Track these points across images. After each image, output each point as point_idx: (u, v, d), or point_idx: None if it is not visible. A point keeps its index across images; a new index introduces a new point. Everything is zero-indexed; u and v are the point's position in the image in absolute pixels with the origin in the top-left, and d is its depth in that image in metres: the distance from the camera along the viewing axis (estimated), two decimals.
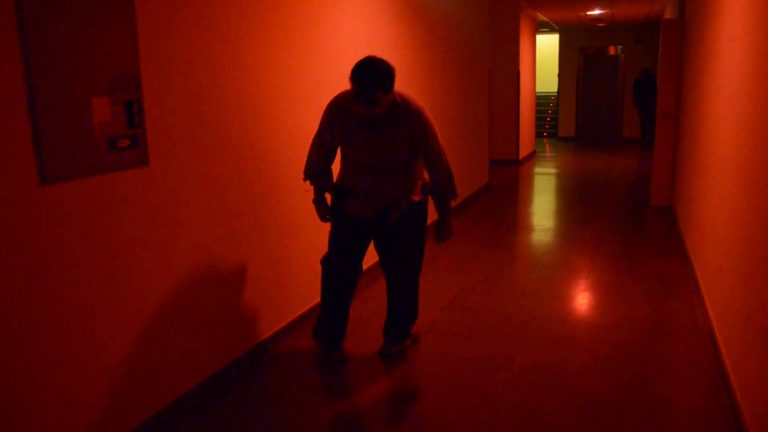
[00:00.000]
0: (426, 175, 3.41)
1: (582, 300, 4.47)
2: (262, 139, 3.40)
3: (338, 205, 3.33)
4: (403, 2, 5.31)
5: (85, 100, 2.32)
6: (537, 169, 11.18)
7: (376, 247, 3.43)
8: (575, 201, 8.34)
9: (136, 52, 2.54)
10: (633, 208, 7.62)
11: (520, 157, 11.39)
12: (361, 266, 3.43)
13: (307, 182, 3.42)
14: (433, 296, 4.45)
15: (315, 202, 3.45)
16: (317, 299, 3.89)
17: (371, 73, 2.93)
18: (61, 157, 2.24)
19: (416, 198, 3.32)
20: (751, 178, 2.86)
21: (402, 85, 5.41)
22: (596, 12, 11.31)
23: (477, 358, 3.49)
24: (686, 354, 3.55)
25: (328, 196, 3.49)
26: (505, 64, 10.88)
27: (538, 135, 15.51)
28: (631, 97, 13.27)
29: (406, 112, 3.12)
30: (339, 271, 3.36)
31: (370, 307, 4.17)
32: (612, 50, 15.21)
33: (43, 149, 2.17)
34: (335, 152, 3.34)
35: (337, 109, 3.19)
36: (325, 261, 3.39)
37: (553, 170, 11.30)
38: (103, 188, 2.43)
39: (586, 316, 4.15)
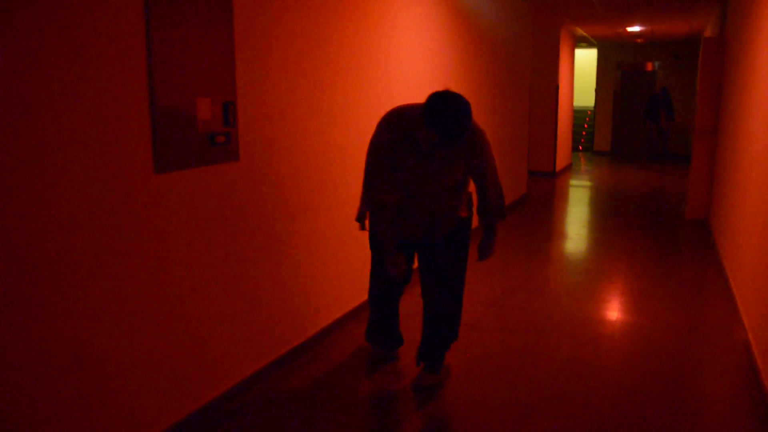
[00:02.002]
0: (472, 187, 3.26)
1: (618, 303, 4.69)
2: (333, 140, 3.71)
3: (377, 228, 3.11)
4: (455, 17, 5.61)
5: (192, 100, 2.66)
6: (573, 182, 11.37)
7: (420, 265, 3.26)
8: (610, 212, 8.52)
9: (232, 60, 2.87)
10: (668, 221, 7.79)
11: (557, 169, 11.59)
12: (410, 276, 3.33)
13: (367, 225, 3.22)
14: (478, 295, 4.72)
15: (388, 253, 3.03)
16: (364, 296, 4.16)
17: (459, 126, 2.67)
18: (172, 149, 2.57)
19: (463, 214, 3.16)
20: None
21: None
22: (636, 28, 11.48)
23: (521, 351, 3.75)
24: (719, 355, 3.76)
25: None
26: (545, 77, 11.11)
27: (574, 148, 15.66)
28: (652, 112, 13.44)
29: (471, 137, 2.90)
30: (386, 289, 3.36)
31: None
32: (649, 66, 15.33)
33: (158, 141, 2.51)
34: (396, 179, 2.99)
35: (394, 131, 2.91)
36: (374, 279, 3.39)
37: (588, 183, 11.48)
38: (203, 178, 2.76)
39: (623, 317, 4.38)
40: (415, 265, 3.35)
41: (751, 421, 2.99)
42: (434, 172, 2.93)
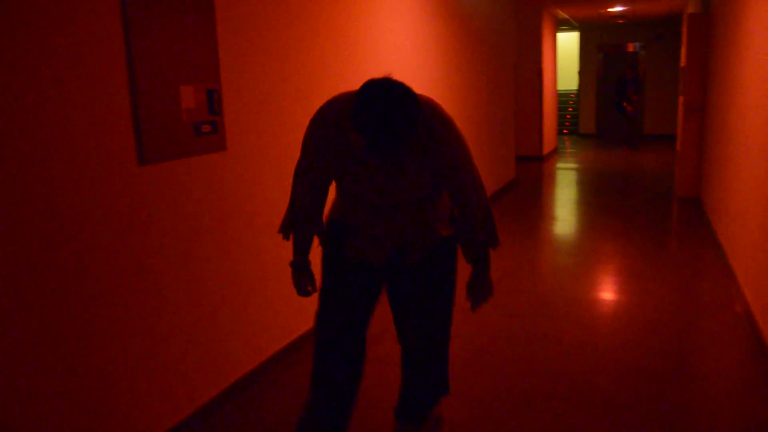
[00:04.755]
0: None
1: (617, 283, 4.64)
2: None
3: (334, 246, 2.29)
4: (437, 3, 5.50)
5: (175, 88, 2.53)
6: (560, 165, 11.32)
7: (390, 301, 2.39)
8: (600, 194, 8.48)
9: (215, 46, 2.75)
10: (658, 200, 7.76)
11: (544, 153, 11.54)
12: (365, 339, 2.37)
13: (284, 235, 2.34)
14: None
15: (294, 265, 2.32)
16: None
17: (390, 131, 1.79)
18: (156, 140, 2.45)
19: (445, 231, 2.28)
20: None
21: (435, 82, 5.66)
22: (618, 8, 11.43)
23: (526, 335, 3.67)
24: (724, 330, 3.70)
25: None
26: (528, 61, 11.04)
27: (559, 132, 15.63)
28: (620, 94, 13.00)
29: (426, 128, 2.00)
30: (337, 343, 2.31)
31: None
32: (631, 47, 15.31)
33: (142, 132, 2.38)
34: (327, 190, 2.26)
35: (327, 126, 2.09)
36: (319, 326, 2.33)
37: (576, 166, 11.44)
38: (189, 169, 2.64)
39: (623, 298, 4.31)
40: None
41: (761, 390, 2.94)
42: (387, 180, 2.09)
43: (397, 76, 1.84)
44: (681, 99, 9.05)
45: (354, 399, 2.38)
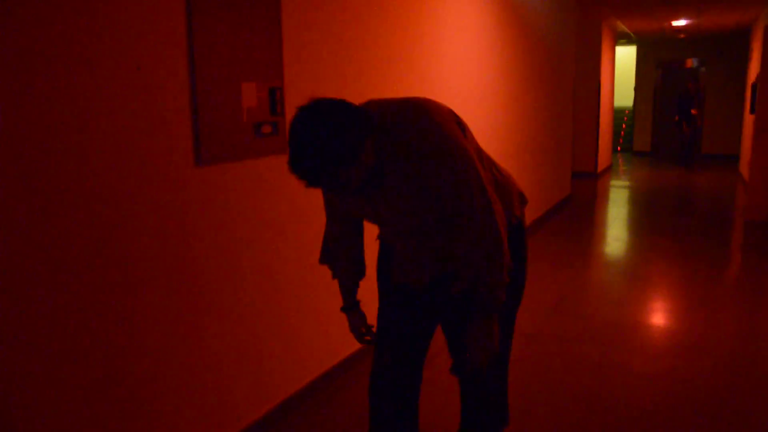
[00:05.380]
0: (516, 201, 2.01)
1: (680, 310, 4.32)
2: None
3: (383, 268, 2.12)
4: (502, 13, 5.29)
5: (236, 85, 2.38)
6: (615, 182, 10.93)
7: (442, 324, 2.08)
8: (658, 214, 8.09)
9: (280, 42, 2.59)
10: (719, 223, 7.35)
11: (599, 170, 11.17)
12: (419, 368, 2.11)
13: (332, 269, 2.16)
14: (535, 301, 4.38)
15: (344, 309, 2.15)
16: None
17: (312, 160, 1.58)
18: (214, 140, 2.30)
19: None
20: None
21: (499, 94, 5.43)
22: (682, 22, 11.02)
23: (592, 364, 3.41)
24: None
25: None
26: (586, 75, 10.70)
27: (612, 149, 15.18)
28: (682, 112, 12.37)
29: (401, 144, 1.70)
30: (392, 373, 2.08)
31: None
32: (689, 63, 14.78)
33: (200, 131, 2.23)
34: (355, 223, 2.08)
35: None
36: (374, 354, 2.13)
37: (631, 184, 11.03)
38: (248, 172, 2.48)
39: (695, 326, 4.00)
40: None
41: None
42: (379, 209, 1.84)
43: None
44: (750, 117, 8.63)
45: (410, 413, 2.15)
